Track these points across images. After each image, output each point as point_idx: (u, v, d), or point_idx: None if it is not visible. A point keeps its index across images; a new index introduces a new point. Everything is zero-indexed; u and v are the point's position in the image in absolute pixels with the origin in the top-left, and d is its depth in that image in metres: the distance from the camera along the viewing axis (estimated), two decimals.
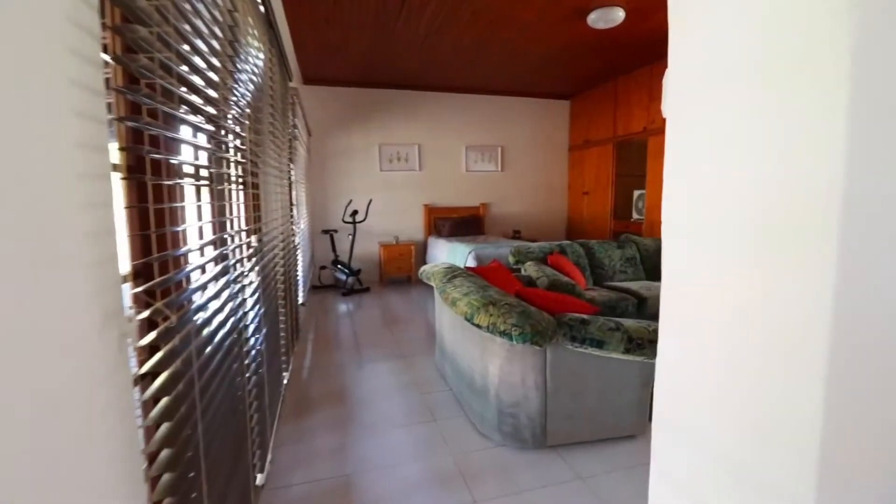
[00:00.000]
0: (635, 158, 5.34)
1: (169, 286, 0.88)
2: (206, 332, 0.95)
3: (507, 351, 1.92)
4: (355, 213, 5.42)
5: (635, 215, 5.37)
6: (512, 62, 4.74)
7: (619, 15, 3.47)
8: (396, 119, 5.87)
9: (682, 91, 0.59)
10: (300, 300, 3.68)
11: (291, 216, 3.97)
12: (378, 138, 5.84)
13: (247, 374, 1.31)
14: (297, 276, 3.57)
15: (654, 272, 4.01)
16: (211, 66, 1.16)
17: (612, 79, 5.46)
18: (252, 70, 1.77)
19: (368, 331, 3.83)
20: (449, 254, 4.98)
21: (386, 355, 3.19)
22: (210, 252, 1.16)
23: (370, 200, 5.67)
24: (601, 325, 1.82)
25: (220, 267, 1.19)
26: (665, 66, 0.63)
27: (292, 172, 3.93)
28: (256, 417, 1.33)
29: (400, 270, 5.68)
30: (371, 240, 5.90)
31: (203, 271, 1.05)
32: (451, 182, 6.21)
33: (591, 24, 3.61)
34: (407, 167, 5.99)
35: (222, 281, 1.19)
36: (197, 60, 1.08)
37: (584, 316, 1.89)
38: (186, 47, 1.02)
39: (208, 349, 0.92)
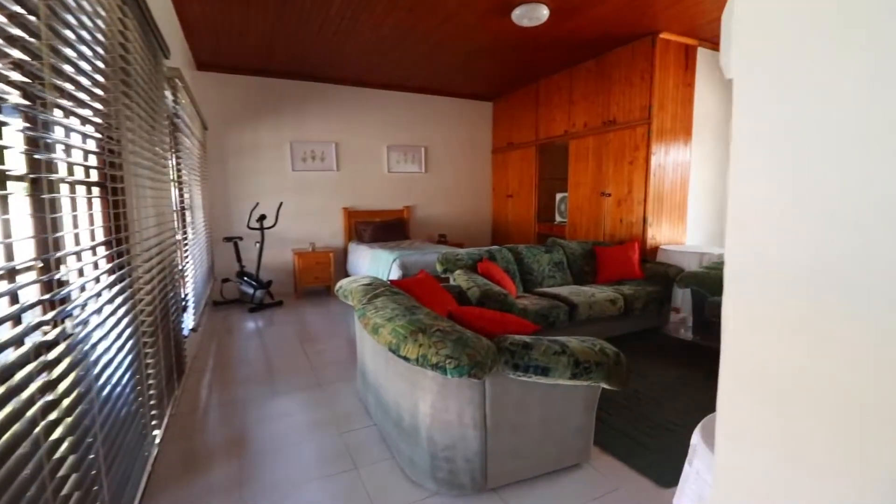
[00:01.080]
0: (557, 161, 5.37)
1: None
2: None
3: (439, 385, 1.63)
4: (263, 217, 4.82)
5: (558, 218, 5.40)
6: (435, 57, 4.48)
7: (544, 13, 3.36)
8: (311, 114, 5.34)
9: (768, 31, 0.34)
10: (190, 325, 3.08)
11: (183, 222, 3.34)
12: (290, 135, 5.26)
13: (60, 473, 0.87)
14: (184, 296, 2.97)
15: (580, 276, 3.99)
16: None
17: (533, 81, 5.44)
18: (89, 39, 1.30)
19: (279, 353, 3.34)
20: (372, 262, 4.59)
21: (299, 384, 2.75)
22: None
23: (280, 203, 5.08)
24: (546, 349, 1.61)
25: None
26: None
27: (182, 171, 3.31)
28: None
29: (317, 280, 5.17)
30: (284, 247, 5.31)
31: None
32: (373, 184, 5.81)
33: (516, 21, 3.47)
34: (323, 167, 5.48)
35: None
36: None
37: (527, 339, 1.66)
38: None
39: None
